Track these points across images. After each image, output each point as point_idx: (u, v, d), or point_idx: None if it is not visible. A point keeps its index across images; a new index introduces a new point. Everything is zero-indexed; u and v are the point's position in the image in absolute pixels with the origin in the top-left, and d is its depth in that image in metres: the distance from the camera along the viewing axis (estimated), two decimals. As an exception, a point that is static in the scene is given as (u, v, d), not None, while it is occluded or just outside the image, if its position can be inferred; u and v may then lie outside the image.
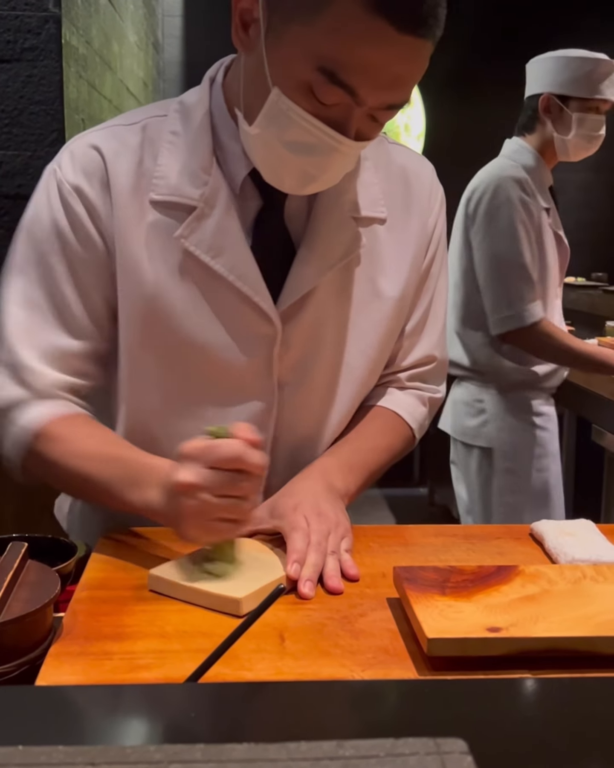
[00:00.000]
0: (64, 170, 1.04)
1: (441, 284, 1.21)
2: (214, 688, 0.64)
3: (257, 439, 0.89)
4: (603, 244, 4.46)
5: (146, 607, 0.87)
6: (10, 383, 1.05)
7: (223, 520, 0.89)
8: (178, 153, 1.03)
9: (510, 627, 0.77)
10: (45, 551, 0.96)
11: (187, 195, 1.02)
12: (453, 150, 4.22)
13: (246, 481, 0.87)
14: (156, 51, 3.90)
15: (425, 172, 1.17)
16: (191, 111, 1.05)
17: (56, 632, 0.80)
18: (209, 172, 1.03)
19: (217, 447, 0.87)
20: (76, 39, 2.08)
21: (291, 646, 0.79)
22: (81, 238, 1.03)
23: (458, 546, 1.05)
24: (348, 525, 1.02)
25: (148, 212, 1.03)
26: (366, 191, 1.10)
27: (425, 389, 1.22)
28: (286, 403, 1.09)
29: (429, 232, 1.16)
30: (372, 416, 1.18)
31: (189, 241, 1.02)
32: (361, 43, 0.86)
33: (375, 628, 0.83)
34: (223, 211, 1.03)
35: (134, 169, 1.03)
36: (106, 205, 1.02)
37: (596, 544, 1.00)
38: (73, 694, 0.63)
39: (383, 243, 1.11)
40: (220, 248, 1.03)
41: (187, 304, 1.04)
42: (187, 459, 0.88)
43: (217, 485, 0.87)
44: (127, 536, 1.05)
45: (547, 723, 0.57)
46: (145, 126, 1.05)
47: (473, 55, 4.22)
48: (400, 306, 1.14)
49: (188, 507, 0.88)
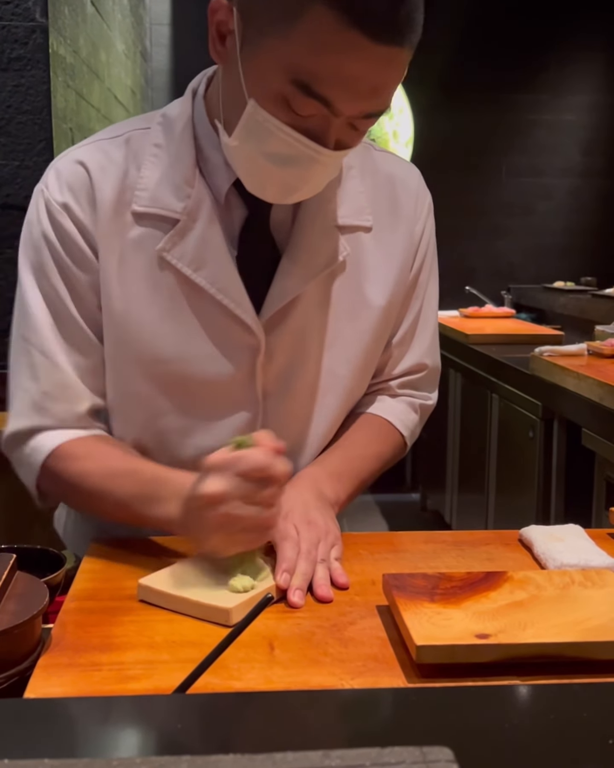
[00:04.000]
0: (50, 189, 1.04)
1: (430, 292, 1.21)
2: (201, 699, 0.64)
3: (280, 447, 0.89)
4: (592, 249, 4.48)
5: (135, 617, 0.87)
6: (30, 411, 1.05)
7: (247, 530, 0.89)
8: (161, 165, 1.03)
9: (498, 633, 0.77)
10: (34, 562, 0.95)
11: (169, 207, 1.02)
12: (441, 157, 4.24)
13: (271, 488, 0.88)
14: (144, 59, 3.91)
15: (412, 178, 1.17)
16: (174, 123, 1.05)
17: (45, 644, 0.80)
18: (192, 185, 1.03)
19: (243, 457, 0.87)
20: (64, 48, 2.09)
21: (280, 655, 0.79)
22: (74, 255, 1.03)
23: (448, 552, 1.05)
24: (338, 533, 1.02)
25: (130, 225, 1.03)
26: (352, 200, 1.10)
27: (417, 396, 1.23)
28: (270, 412, 1.09)
29: (417, 239, 1.16)
30: (363, 424, 1.18)
31: (171, 255, 1.02)
32: (335, 55, 0.86)
33: (364, 635, 0.83)
34: (206, 223, 1.03)
35: (119, 183, 1.03)
36: (94, 221, 1.03)
37: (585, 549, 1.00)
38: (61, 707, 0.63)
39: (369, 251, 1.11)
40: (202, 261, 1.03)
41: (169, 317, 1.04)
42: (214, 470, 0.88)
43: (245, 494, 0.87)
44: (117, 546, 1.04)
45: (534, 730, 0.57)
46: (129, 139, 1.05)
47: (461, 61, 4.23)
48: (387, 314, 1.14)
49: (214, 518, 0.88)
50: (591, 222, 4.48)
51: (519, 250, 4.47)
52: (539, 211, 4.46)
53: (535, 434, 2.44)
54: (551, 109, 4.39)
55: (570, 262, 4.48)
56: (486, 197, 4.41)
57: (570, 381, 2.17)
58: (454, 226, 4.26)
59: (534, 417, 2.45)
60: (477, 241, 4.42)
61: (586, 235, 4.48)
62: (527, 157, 4.42)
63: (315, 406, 1.12)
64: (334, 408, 1.14)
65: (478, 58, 4.24)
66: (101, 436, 1.08)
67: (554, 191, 4.47)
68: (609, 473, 2.02)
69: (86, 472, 1.02)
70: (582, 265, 4.42)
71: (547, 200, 4.48)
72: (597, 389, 2.01)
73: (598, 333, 2.60)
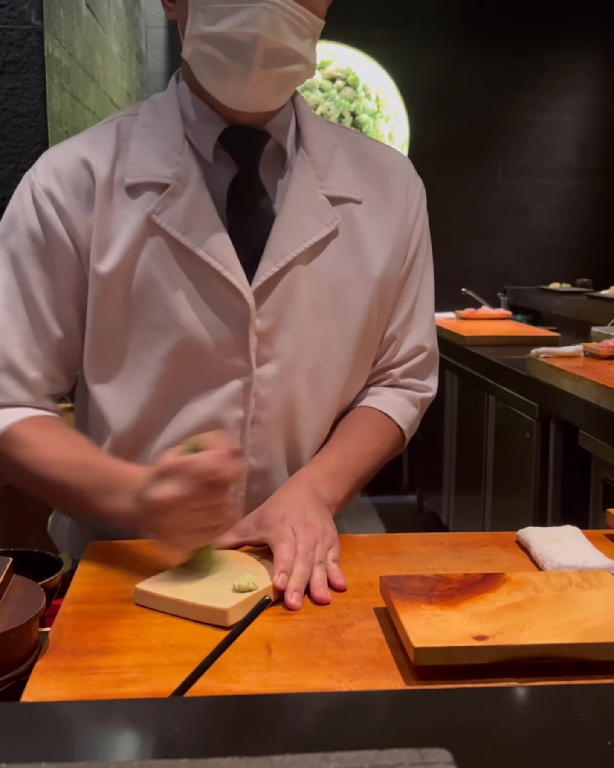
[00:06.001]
0: (37, 174, 1.08)
1: (426, 277, 1.22)
2: (198, 702, 0.64)
3: (232, 449, 0.89)
4: (588, 250, 4.48)
5: (132, 620, 0.87)
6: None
7: (202, 529, 0.90)
8: (149, 139, 1.07)
9: (496, 635, 0.77)
10: (31, 565, 0.95)
11: (159, 173, 1.05)
12: (437, 158, 4.24)
13: (222, 490, 0.88)
14: (139, 62, 3.91)
15: (401, 163, 1.20)
16: (160, 103, 1.10)
17: (42, 647, 0.80)
18: (181, 153, 1.06)
19: (194, 461, 0.87)
20: (59, 51, 2.08)
21: (278, 658, 0.79)
22: (51, 239, 1.06)
23: (445, 554, 1.05)
24: (335, 535, 1.02)
25: (125, 200, 1.05)
26: (339, 174, 1.12)
27: (417, 387, 1.23)
28: (263, 381, 1.09)
29: (411, 222, 1.17)
30: (360, 419, 1.18)
31: (161, 218, 1.04)
32: None
33: (362, 638, 0.83)
34: (196, 188, 1.05)
35: (110, 163, 1.06)
36: (77, 208, 1.05)
37: (582, 550, 1.00)
38: (58, 711, 0.63)
39: (363, 225, 1.12)
40: (191, 224, 1.05)
41: (161, 282, 1.05)
42: (165, 474, 0.88)
43: (195, 499, 0.87)
44: (113, 549, 1.04)
45: (532, 732, 0.57)
46: (119, 124, 1.10)
47: (457, 62, 4.24)
48: (381, 289, 1.14)
49: (166, 523, 0.89)
50: (587, 223, 4.49)
51: (515, 252, 4.47)
52: (535, 213, 4.47)
53: (532, 435, 2.44)
54: (547, 110, 4.40)
55: (566, 264, 4.48)
56: (482, 199, 4.41)
57: (566, 382, 2.17)
58: (450, 228, 4.26)
59: (530, 418, 2.46)
60: (473, 242, 4.42)
61: (582, 237, 4.48)
62: (523, 158, 4.42)
63: (311, 377, 1.11)
64: (328, 382, 1.13)
65: (474, 59, 4.25)
66: (52, 419, 1.09)
67: (550, 192, 4.48)
68: (605, 474, 2.02)
69: (39, 459, 1.03)
70: (578, 266, 4.43)
71: (543, 201, 4.48)
72: (593, 390, 2.01)
73: (594, 334, 2.60)
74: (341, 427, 1.17)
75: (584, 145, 4.46)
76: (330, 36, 4.09)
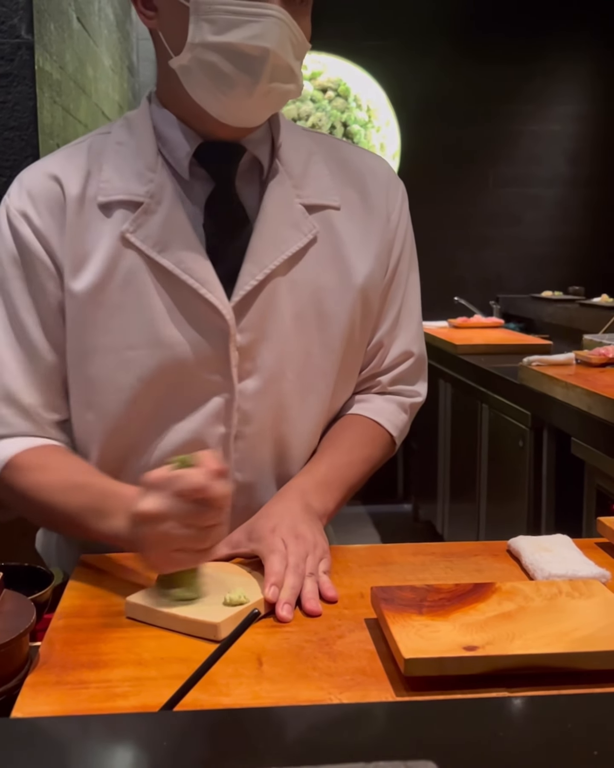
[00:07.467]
0: (11, 197, 1.08)
1: (412, 282, 1.21)
2: (189, 716, 0.64)
3: (222, 468, 0.88)
4: (579, 259, 4.50)
5: (123, 634, 0.87)
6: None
7: (185, 550, 0.88)
8: (122, 158, 1.07)
9: (486, 645, 0.77)
10: (21, 579, 0.95)
11: (132, 192, 1.05)
12: (428, 168, 4.26)
13: (209, 511, 0.87)
14: (131, 74, 3.92)
15: (381, 168, 1.19)
16: (134, 121, 1.10)
17: (32, 662, 0.79)
18: (155, 170, 1.06)
19: (180, 477, 0.86)
20: (50, 64, 2.09)
21: (269, 670, 0.79)
22: (32, 261, 1.05)
23: (436, 564, 1.05)
24: (327, 546, 1.02)
25: (98, 219, 1.05)
26: (316, 181, 1.12)
27: (406, 393, 1.22)
28: (245, 395, 1.08)
29: (393, 227, 1.16)
30: (350, 427, 1.18)
31: (135, 236, 1.04)
32: None
33: (353, 649, 0.83)
34: (170, 205, 1.05)
35: (82, 183, 1.06)
36: (53, 228, 1.04)
37: (572, 559, 1.00)
38: (48, 726, 0.63)
39: (342, 231, 1.12)
40: (166, 242, 1.04)
41: (138, 300, 1.04)
42: (151, 488, 0.88)
43: (180, 515, 0.86)
44: (104, 563, 1.04)
45: (521, 742, 0.57)
46: (91, 144, 1.10)
47: (446, 74, 4.26)
48: (365, 297, 1.13)
49: (150, 536, 0.88)
50: (578, 231, 4.50)
51: (506, 260, 4.48)
52: (526, 221, 4.48)
53: (525, 444, 2.45)
54: (537, 119, 4.42)
55: (558, 272, 4.49)
56: (473, 208, 4.43)
57: (558, 390, 2.18)
58: (442, 237, 4.27)
59: (523, 426, 2.46)
60: (465, 251, 4.43)
61: (573, 245, 4.50)
62: (514, 167, 4.44)
63: (295, 389, 1.11)
64: (312, 392, 1.12)
65: (464, 69, 4.27)
66: (56, 447, 1.08)
67: (541, 201, 4.49)
68: (598, 482, 2.02)
69: (39, 485, 1.03)
70: (570, 274, 4.44)
71: (534, 210, 4.50)
72: (585, 398, 2.02)
73: (586, 342, 2.61)
74: (330, 436, 1.17)
75: (574, 154, 4.48)
76: (322, 47, 4.11)
